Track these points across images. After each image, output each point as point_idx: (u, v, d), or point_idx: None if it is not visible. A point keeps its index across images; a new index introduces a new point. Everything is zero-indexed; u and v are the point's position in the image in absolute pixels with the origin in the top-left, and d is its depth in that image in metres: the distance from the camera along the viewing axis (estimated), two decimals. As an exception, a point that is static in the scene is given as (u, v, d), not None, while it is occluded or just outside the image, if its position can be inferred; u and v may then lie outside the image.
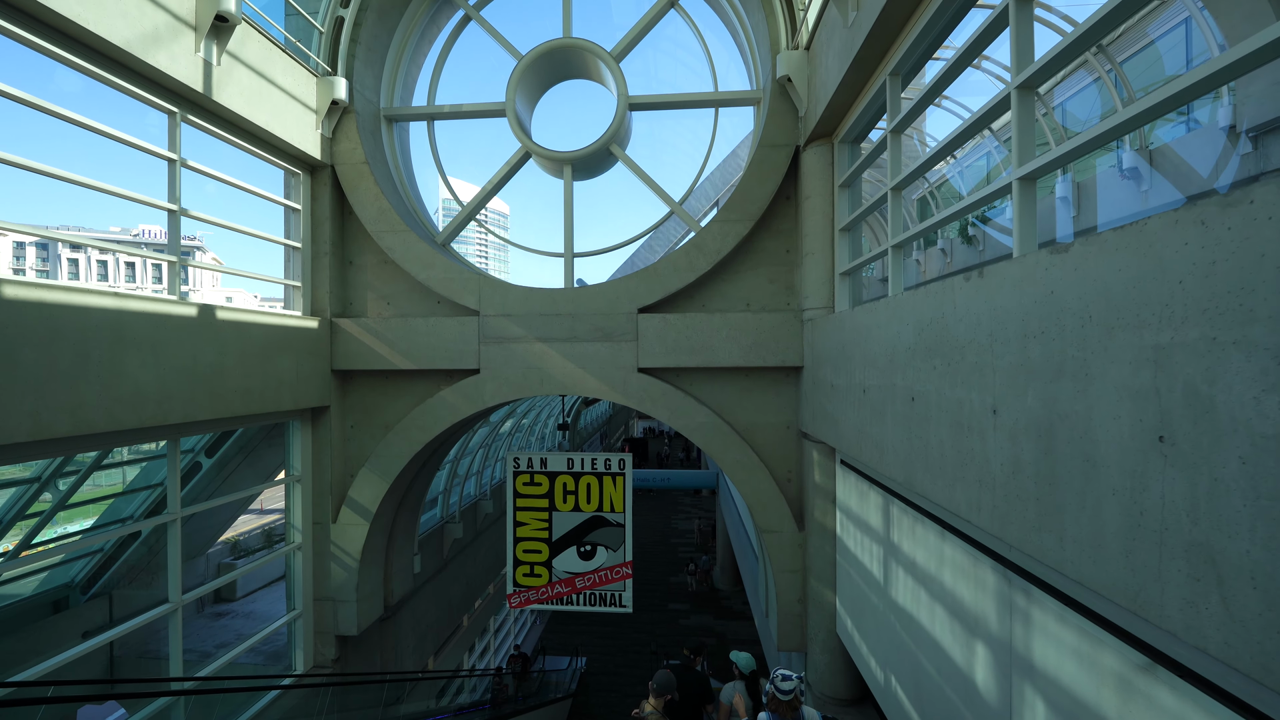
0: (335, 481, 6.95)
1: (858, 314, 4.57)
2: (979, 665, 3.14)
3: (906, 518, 4.16)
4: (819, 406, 5.73)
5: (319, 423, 6.89)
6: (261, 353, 5.73)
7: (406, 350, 6.79)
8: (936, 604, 3.68)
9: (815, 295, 6.10)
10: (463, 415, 6.78)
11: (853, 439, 4.72)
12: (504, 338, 6.72)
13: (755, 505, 6.50)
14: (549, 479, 7.42)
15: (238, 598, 9.32)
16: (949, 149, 3.84)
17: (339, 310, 7.02)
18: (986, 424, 2.69)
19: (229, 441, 6.95)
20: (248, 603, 9.25)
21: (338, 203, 7.03)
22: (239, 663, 7.37)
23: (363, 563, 6.95)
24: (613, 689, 15.38)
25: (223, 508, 8.26)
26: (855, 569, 5.36)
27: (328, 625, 6.90)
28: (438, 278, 6.78)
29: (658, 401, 6.60)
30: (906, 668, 4.16)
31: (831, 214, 6.01)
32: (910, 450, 3.56)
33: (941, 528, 3.60)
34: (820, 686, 6.18)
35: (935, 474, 3.23)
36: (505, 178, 7.40)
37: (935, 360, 3.21)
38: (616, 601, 7.39)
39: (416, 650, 9.21)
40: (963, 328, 2.92)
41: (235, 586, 9.26)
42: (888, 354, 3.92)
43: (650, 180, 7.24)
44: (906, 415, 3.60)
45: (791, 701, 4.03)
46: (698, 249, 6.54)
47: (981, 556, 3.13)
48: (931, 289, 3.29)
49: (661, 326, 6.56)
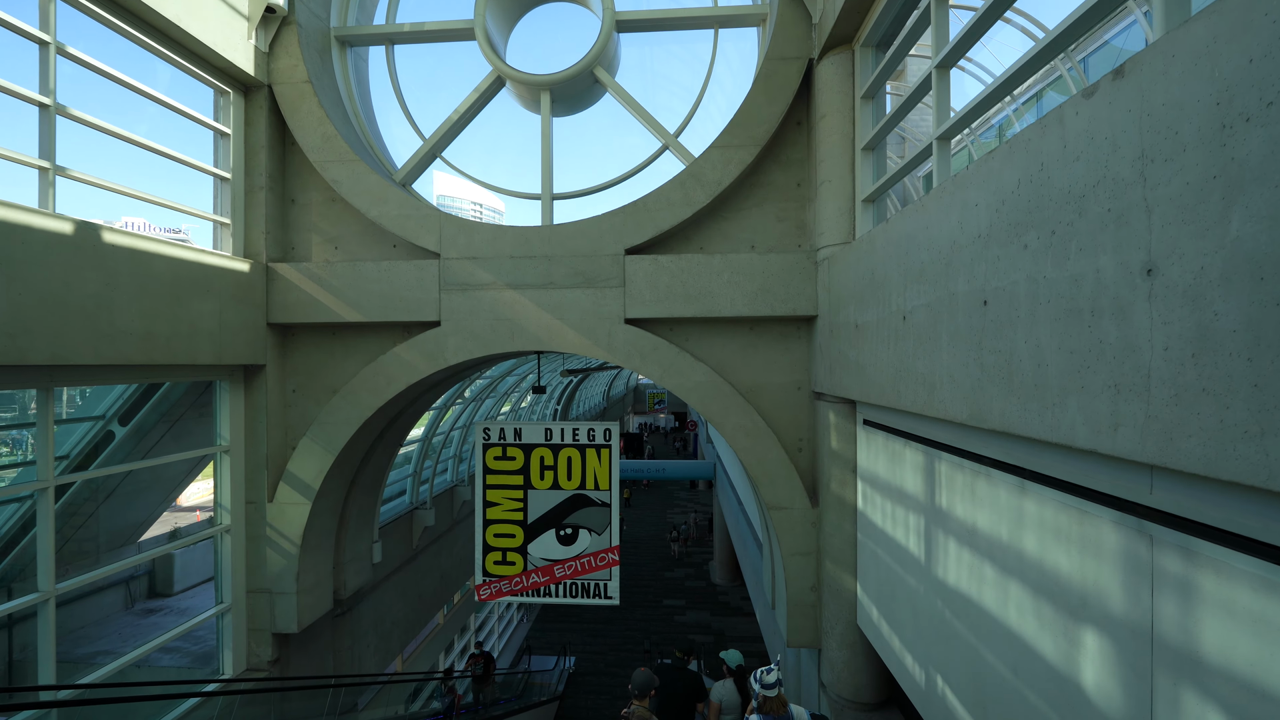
0: (273, 454, 5.98)
1: (896, 223, 3.66)
2: (1090, 660, 2.23)
3: (962, 474, 3.25)
4: (838, 356, 4.82)
5: (253, 384, 5.93)
6: (169, 292, 4.77)
7: (355, 300, 5.83)
8: (1010, 580, 2.77)
9: (832, 230, 5.19)
10: (421, 375, 5.83)
11: (886, 384, 3.81)
12: (469, 284, 5.77)
13: (761, 478, 5.59)
14: (524, 452, 6.48)
15: (175, 592, 8.32)
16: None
17: (278, 254, 6.06)
18: (1133, 295, 1.78)
19: (147, 405, 5.97)
20: (186, 598, 8.24)
21: (277, 131, 6.06)
22: (159, 666, 6.41)
23: (305, 549, 5.99)
24: (603, 690, 14.44)
25: (152, 492, 7.28)
26: (884, 547, 4.45)
27: (263, 621, 5.93)
28: (392, 214, 5.83)
29: (648, 357, 5.67)
30: (960, 664, 3.25)
31: (852, 133, 5.10)
32: (981, 374, 2.65)
33: (1020, 478, 2.69)
34: (837, 688, 5.26)
35: (1026, 396, 2.32)
36: (475, 107, 6.46)
37: (1028, 236, 2.30)
38: (601, 592, 6.46)
39: (380, 650, 8.25)
40: (1080, 169, 2.01)
41: (172, 580, 8.25)
42: (943, 258, 3.01)
43: (641, 110, 6.31)
44: (975, 328, 2.69)
45: (779, 697, 3.99)
46: (694, 179, 5.62)
47: (1096, 509, 2.22)
48: (1018, 140, 2.38)
49: (652, 270, 5.63)
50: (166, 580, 8.27)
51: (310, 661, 6.64)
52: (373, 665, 7.99)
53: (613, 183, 6.54)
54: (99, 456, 5.90)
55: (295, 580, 5.92)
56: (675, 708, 5.79)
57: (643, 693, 4.89)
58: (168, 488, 7.16)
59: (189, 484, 7.45)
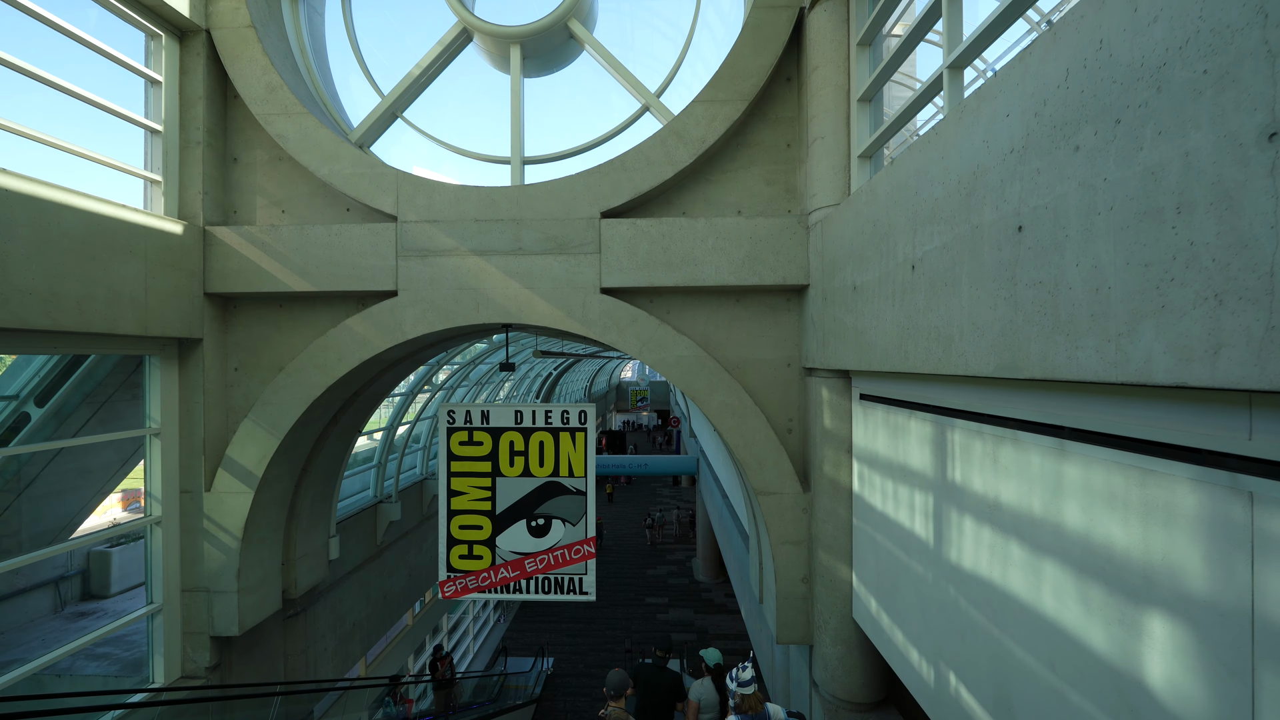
0: (211, 439, 5.40)
1: (903, 162, 3.24)
2: (1160, 653, 1.82)
3: (981, 442, 2.84)
4: (833, 324, 4.41)
5: (189, 361, 5.34)
6: (82, 249, 4.18)
7: (302, 267, 5.28)
8: (1045, 560, 2.36)
9: (826, 191, 4.77)
10: (376, 350, 5.30)
11: (890, 347, 3.40)
12: (430, 250, 5.26)
13: (748, 461, 5.15)
14: (492, 437, 5.97)
15: (113, 594, 7.64)
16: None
17: (218, 218, 5.48)
18: (1244, 173, 1.36)
19: (68, 384, 5.35)
20: (126, 600, 7.58)
21: (218, 82, 5.48)
22: (83, 675, 5.79)
23: (247, 542, 5.41)
24: (583, 692, 13.94)
25: (83, 484, 6.62)
26: (885, 532, 4.04)
27: (200, 623, 5.35)
28: (344, 173, 5.29)
29: (626, 330, 5.21)
30: (979, 659, 2.84)
31: (846, 84, 4.69)
32: (1014, 314, 2.23)
33: (1059, 439, 2.28)
34: (830, 687, 4.86)
35: (1078, 331, 1.90)
36: (439, 61, 5.93)
37: (1080, 135, 1.88)
38: (576, 588, 5.97)
39: (339, 654, 7.67)
40: (1160, 32, 1.59)
41: (109, 581, 7.57)
42: (963, 188, 2.59)
43: (620, 67, 5.85)
44: (1006, 261, 2.28)
45: (755, 694, 3.95)
46: (677, 136, 5.17)
47: (1166, 466, 1.81)
48: (1066, 22, 1.96)
49: (631, 235, 5.17)
50: (103, 581, 7.58)
51: (257, 668, 6.06)
52: (331, 670, 7.42)
53: (589, 146, 6.06)
54: (13, 440, 5.27)
55: (236, 578, 5.34)
56: (655, 707, 5.77)
57: (618, 693, 4.87)
58: (99, 480, 6.51)
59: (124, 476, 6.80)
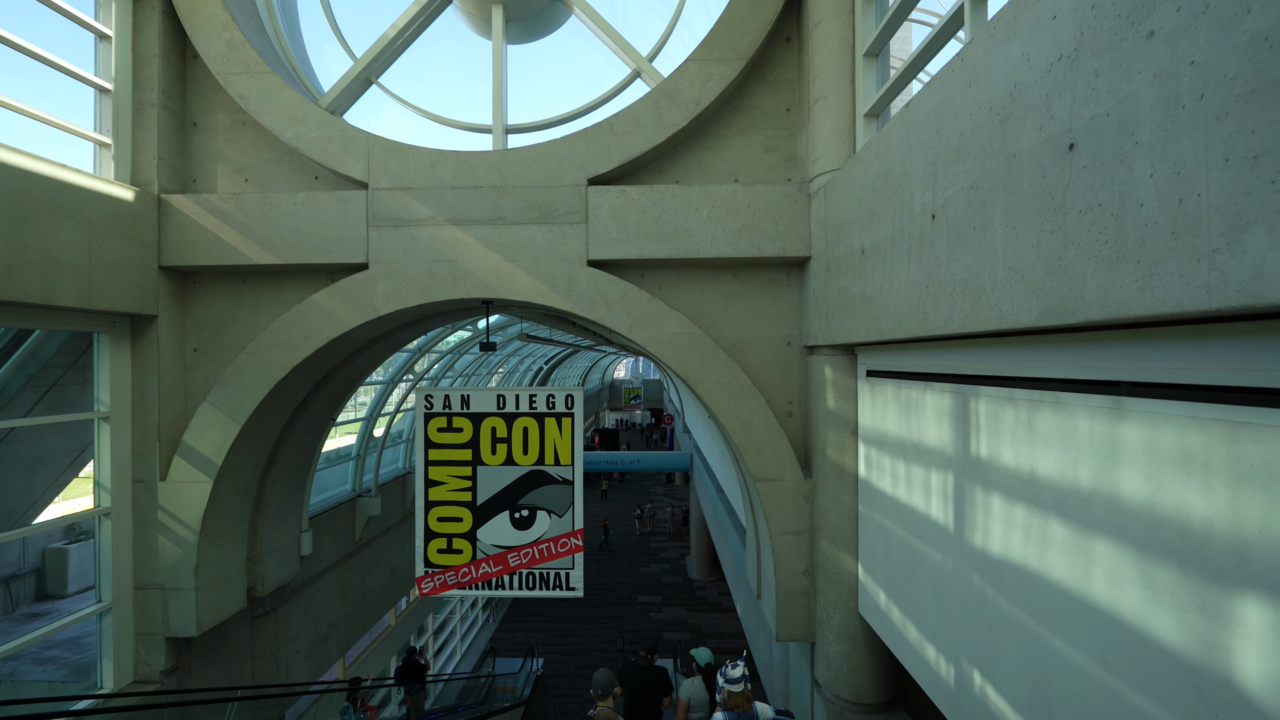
0: (167, 424, 5.00)
1: (921, 99, 2.91)
2: (1259, 649, 1.49)
3: (1013, 409, 2.51)
4: (838, 295, 4.08)
5: (143, 340, 4.94)
6: (10, 209, 3.78)
7: (265, 238, 4.89)
8: (1096, 539, 2.04)
9: (829, 154, 4.44)
10: (346, 328, 4.92)
11: (906, 310, 3.07)
12: (403, 219, 4.89)
13: (746, 446, 4.82)
14: (472, 423, 5.60)
15: (70, 593, 7.20)
16: None
17: (176, 186, 5.08)
18: None
19: (8, 364, 4.93)
20: (84, 600, 7.16)
21: (175, 40, 5.09)
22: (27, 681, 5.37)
23: (206, 536, 5.02)
24: (573, 693, 13.57)
25: (33, 479, 6.19)
26: (895, 518, 3.72)
27: (154, 624, 4.95)
28: (310, 137, 4.91)
29: (614, 306, 4.86)
30: (1011, 655, 2.52)
31: (851, 38, 4.37)
32: (1064, 248, 1.90)
33: (1114, 396, 1.95)
34: (834, 687, 4.53)
35: (1156, 254, 1.57)
36: (416, 22, 5.54)
37: (1156, 17, 1.55)
38: (562, 583, 5.61)
39: (314, 655, 7.27)
40: None
41: (65, 579, 7.13)
42: (997, 114, 2.26)
43: (610, 29, 5.49)
44: (1054, 188, 1.95)
45: (744, 692, 3.87)
46: (669, 97, 4.82)
47: (1265, 417, 1.48)
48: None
49: (620, 203, 4.82)
50: (59, 580, 7.13)
51: (221, 671, 5.66)
52: (304, 673, 7.02)
53: (576, 114, 5.69)
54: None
55: (194, 574, 4.95)
56: (643, 702, 5.78)
57: (605, 692, 4.80)
58: (50, 473, 6.08)
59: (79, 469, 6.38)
